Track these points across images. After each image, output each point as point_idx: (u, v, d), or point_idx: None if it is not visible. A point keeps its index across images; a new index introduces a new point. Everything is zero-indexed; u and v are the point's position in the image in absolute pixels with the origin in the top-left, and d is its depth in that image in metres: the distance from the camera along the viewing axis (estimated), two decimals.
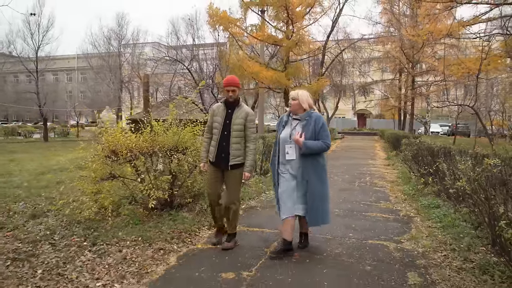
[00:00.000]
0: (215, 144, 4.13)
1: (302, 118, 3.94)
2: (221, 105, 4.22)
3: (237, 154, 4.08)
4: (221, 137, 4.09)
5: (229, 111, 4.14)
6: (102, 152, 5.31)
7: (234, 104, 4.15)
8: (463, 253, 3.94)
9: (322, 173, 3.95)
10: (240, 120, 4.08)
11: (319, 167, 3.92)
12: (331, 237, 4.55)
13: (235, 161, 4.07)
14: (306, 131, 3.84)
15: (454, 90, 25.17)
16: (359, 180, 8.96)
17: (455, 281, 3.32)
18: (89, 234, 4.49)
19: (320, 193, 3.88)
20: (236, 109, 4.14)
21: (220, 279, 3.33)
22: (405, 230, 4.86)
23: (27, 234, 4.50)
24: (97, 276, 3.40)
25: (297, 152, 3.85)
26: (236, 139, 4.06)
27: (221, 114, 4.15)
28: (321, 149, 3.85)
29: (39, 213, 5.43)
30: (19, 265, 3.64)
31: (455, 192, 4.44)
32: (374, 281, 3.31)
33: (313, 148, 3.79)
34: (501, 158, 4.95)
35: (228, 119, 4.10)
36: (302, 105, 3.94)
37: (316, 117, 3.94)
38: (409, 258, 3.88)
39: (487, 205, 3.23)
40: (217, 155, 4.11)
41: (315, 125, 3.87)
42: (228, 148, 4.05)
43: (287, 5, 16.53)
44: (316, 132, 3.85)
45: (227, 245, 4.13)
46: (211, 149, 4.18)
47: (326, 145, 3.86)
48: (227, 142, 4.07)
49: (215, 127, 4.16)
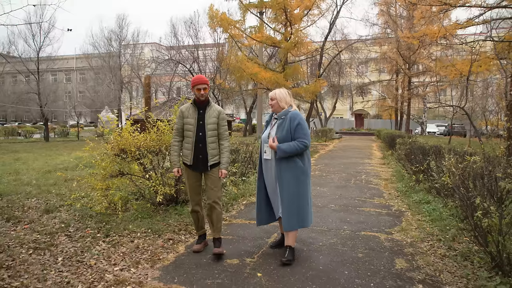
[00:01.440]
0: (190, 147, 3.97)
1: (279, 117, 3.86)
2: (190, 106, 4.06)
3: (215, 154, 4.00)
4: (197, 139, 3.96)
5: (200, 112, 4.00)
6: (111, 150, 5.66)
7: (205, 104, 4.04)
8: (448, 242, 4.29)
9: (300, 175, 3.75)
10: (213, 119, 3.99)
11: (297, 168, 3.74)
12: (327, 229, 4.89)
13: (213, 161, 3.98)
14: (281, 130, 3.74)
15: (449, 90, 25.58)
16: (355, 178, 9.31)
17: (438, 266, 3.67)
18: (102, 227, 4.82)
19: (295, 194, 3.72)
20: (207, 109, 4.02)
21: (226, 264, 3.68)
22: (396, 223, 5.20)
23: (44, 227, 4.84)
24: (113, 262, 3.73)
25: (273, 152, 3.77)
26: (211, 138, 3.98)
27: (192, 115, 4.00)
28: (298, 150, 3.67)
29: (52, 208, 5.76)
30: (40, 253, 3.98)
31: (441, 186, 4.77)
32: (365, 265, 3.66)
33: (288, 151, 3.64)
34: (485, 156, 5.32)
35: (201, 120, 3.97)
36: (280, 104, 3.85)
37: (292, 115, 3.77)
38: (398, 247, 4.23)
39: (466, 197, 3.58)
40: (194, 158, 3.96)
41: (290, 123, 3.73)
42: (205, 149, 3.94)
43: (285, 7, 16.90)
44: (292, 131, 3.70)
45: (218, 250, 3.90)
46: (186, 152, 4.02)
47: (303, 145, 3.68)
48: (203, 143, 3.94)
49: (188, 129, 4.00)
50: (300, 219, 3.77)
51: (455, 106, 13.73)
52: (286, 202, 3.72)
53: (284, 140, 3.70)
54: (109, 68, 28.67)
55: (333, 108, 34.47)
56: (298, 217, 3.75)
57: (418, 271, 3.56)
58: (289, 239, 3.80)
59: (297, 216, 3.74)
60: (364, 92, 36.50)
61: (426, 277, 3.42)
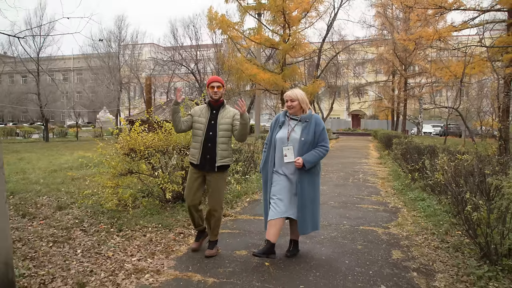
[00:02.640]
0: (198, 146, 3.89)
1: (303, 119, 3.78)
2: (204, 107, 4.03)
3: (225, 155, 3.91)
4: (206, 138, 3.88)
5: (213, 112, 3.96)
6: (121, 150, 5.93)
7: (219, 105, 3.99)
8: (441, 236, 4.58)
9: (316, 179, 3.84)
10: (227, 119, 3.92)
11: (315, 173, 3.82)
12: (327, 224, 5.18)
13: (222, 162, 3.89)
14: (307, 134, 3.71)
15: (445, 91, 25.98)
16: (353, 177, 9.60)
17: (431, 256, 3.96)
18: (114, 222, 5.09)
19: (311, 199, 3.77)
20: (221, 110, 3.97)
21: (235, 255, 3.96)
22: (392, 219, 5.50)
23: (59, 222, 5.10)
24: (130, 254, 4.00)
25: (295, 154, 3.71)
26: (223, 139, 3.90)
27: (204, 115, 3.95)
28: (322, 156, 3.75)
29: (64, 205, 6.02)
30: (60, 246, 4.24)
31: (435, 184, 5.07)
32: (364, 256, 3.95)
33: (315, 160, 3.70)
34: (477, 155, 5.63)
35: (213, 120, 3.92)
36: (302, 106, 3.81)
37: (316, 119, 3.80)
38: (394, 240, 4.52)
39: (457, 192, 3.88)
40: (202, 157, 3.88)
41: (315, 127, 3.75)
42: (214, 149, 3.86)
43: (284, 10, 17.20)
44: (317, 135, 3.74)
45: (210, 252, 3.91)
46: (194, 151, 3.94)
47: (326, 150, 3.77)
48: (213, 143, 3.87)
49: (198, 128, 3.94)
50: (314, 223, 3.84)
51: (449, 108, 14.06)
52: (304, 206, 3.71)
53: (308, 143, 3.70)
54: (108, 69, 28.87)
55: (330, 108, 34.76)
56: (313, 221, 3.81)
57: (413, 260, 3.86)
58: (296, 233, 3.94)
59: (312, 220, 3.79)
60: (361, 92, 36.90)
61: (420, 266, 3.71)
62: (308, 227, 3.79)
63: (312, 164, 3.68)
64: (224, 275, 3.46)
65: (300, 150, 3.71)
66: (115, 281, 3.32)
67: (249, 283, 3.28)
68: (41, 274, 3.42)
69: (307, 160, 3.64)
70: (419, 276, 3.47)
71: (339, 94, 38.51)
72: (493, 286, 3.21)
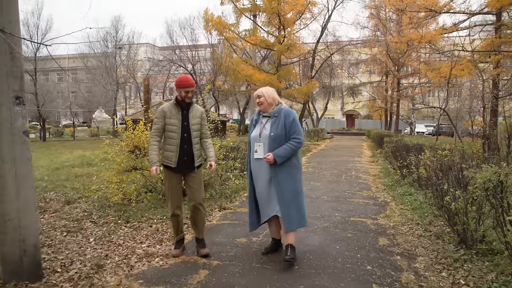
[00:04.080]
0: (174, 149, 3.82)
1: (272, 114, 3.77)
2: (173, 106, 3.90)
3: (199, 154, 3.96)
4: (182, 140, 3.83)
5: (184, 112, 3.89)
6: (126, 147, 6.28)
7: (188, 104, 3.94)
8: (425, 226, 4.98)
9: (294, 172, 3.75)
10: (197, 119, 3.93)
11: (291, 166, 3.72)
12: (320, 216, 5.56)
13: (199, 162, 3.95)
14: (276, 128, 3.68)
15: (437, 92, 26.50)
16: (346, 174, 10.00)
17: (414, 243, 4.36)
18: (121, 215, 5.43)
19: (292, 193, 3.69)
20: (190, 109, 3.93)
21: (236, 242, 4.33)
22: (381, 211, 5.89)
23: (69, 215, 5.45)
24: (139, 241, 4.36)
25: (266, 150, 3.67)
26: (196, 139, 3.91)
27: (175, 116, 3.86)
28: (295, 149, 3.67)
29: (72, 200, 6.35)
30: (73, 235, 4.59)
31: (419, 178, 5.47)
32: (353, 242, 4.34)
33: (286, 154, 3.62)
34: (460, 152, 6.04)
35: (185, 121, 3.86)
36: (267, 101, 3.78)
37: (286, 112, 3.74)
38: (381, 229, 4.91)
39: (437, 184, 4.28)
40: (179, 160, 3.82)
41: (285, 120, 3.69)
42: (191, 150, 3.85)
43: (279, 12, 17.59)
44: (287, 128, 3.68)
45: (205, 251, 3.90)
46: (170, 154, 3.84)
47: (298, 143, 3.67)
48: (188, 144, 3.84)
49: (172, 130, 3.84)
50: (300, 219, 3.75)
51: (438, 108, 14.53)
52: (285, 202, 3.65)
53: (279, 137, 3.65)
54: (105, 69, 29.12)
55: (324, 108, 35.25)
56: (298, 217, 3.71)
57: (397, 246, 4.25)
58: (289, 237, 3.76)
59: (297, 215, 3.70)
60: (355, 93, 37.44)
61: (404, 251, 4.11)
62: (293, 223, 3.68)
63: (283, 158, 3.60)
64: (227, 258, 3.83)
65: (270, 145, 3.65)
66: (129, 263, 3.69)
67: (249, 265, 3.66)
68: (60, 259, 3.77)
69: (278, 155, 3.59)
70: (402, 259, 3.86)
71: (334, 94, 39.01)
72: (468, 267, 3.60)
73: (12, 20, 2.95)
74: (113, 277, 3.37)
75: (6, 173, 2.98)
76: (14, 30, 2.95)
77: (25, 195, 3.09)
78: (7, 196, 2.99)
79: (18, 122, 3.02)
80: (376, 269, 3.59)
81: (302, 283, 3.26)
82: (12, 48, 2.92)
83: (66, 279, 3.27)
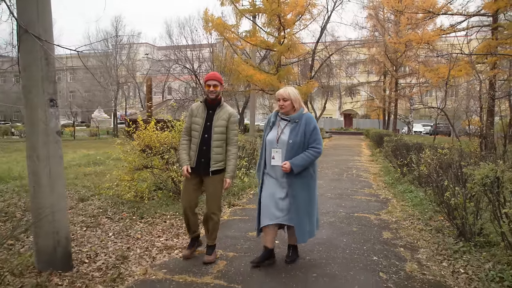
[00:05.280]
0: (195, 148, 3.73)
1: (292, 119, 3.55)
2: (201, 105, 3.82)
3: (219, 159, 3.73)
4: (202, 141, 3.71)
5: (210, 112, 3.76)
6: (138, 146, 6.53)
7: (215, 104, 3.78)
8: (426, 221, 5.26)
9: (310, 182, 3.59)
10: (222, 121, 3.72)
11: (308, 176, 3.56)
12: (326, 212, 5.82)
13: (216, 167, 3.72)
14: (295, 135, 3.48)
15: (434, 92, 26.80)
16: (347, 172, 10.28)
17: (416, 236, 4.63)
18: (135, 211, 5.67)
19: (306, 204, 3.54)
20: (217, 110, 3.77)
21: (248, 236, 4.59)
22: (383, 207, 6.17)
23: (85, 212, 5.67)
24: (157, 235, 4.61)
25: (283, 157, 3.50)
26: (217, 142, 3.71)
27: (201, 115, 3.76)
28: (313, 159, 3.49)
29: (85, 198, 6.58)
30: (93, 230, 4.83)
31: (419, 176, 5.74)
32: (359, 236, 4.62)
33: (304, 164, 3.44)
34: (458, 150, 6.31)
35: (209, 121, 3.72)
36: (294, 105, 3.56)
37: (307, 119, 3.54)
38: (384, 224, 5.18)
39: (437, 181, 4.55)
40: (197, 161, 3.73)
41: (305, 127, 3.49)
42: (209, 152, 3.69)
43: (279, 13, 17.84)
44: (307, 136, 3.48)
45: (208, 259, 3.76)
46: (191, 153, 3.77)
47: (317, 152, 3.49)
48: (207, 146, 3.70)
49: (195, 129, 3.76)
50: (311, 230, 3.64)
51: (435, 108, 14.83)
52: (299, 212, 3.51)
53: (298, 144, 3.47)
54: (105, 69, 29.31)
55: (323, 108, 35.53)
56: (310, 228, 3.62)
57: (400, 239, 4.52)
58: (293, 238, 3.73)
59: (309, 226, 3.60)
60: (353, 92, 37.79)
61: (407, 243, 4.38)
62: (306, 234, 3.58)
63: (301, 167, 3.43)
64: (241, 250, 4.09)
65: (288, 153, 3.47)
66: (150, 255, 3.94)
67: None
68: (85, 251, 4.01)
69: (295, 164, 3.41)
70: (405, 251, 4.13)
71: (332, 94, 39.36)
72: (466, 257, 3.86)
73: (47, 28, 3.19)
74: (138, 267, 3.62)
75: (41, 171, 3.22)
76: (49, 38, 3.19)
77: (58, 191, 3.34)
78: (43, 192, 3.24)
79: (52, 123, 3.26)
80: (381, 259, 3.86)
81: (314, 272, 3.53)
82: (47, 54, 3.16)
83: (95, 269, 3.51)
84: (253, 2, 19.25)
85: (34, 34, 3.06)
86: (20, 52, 3.17)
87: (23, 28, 3.08)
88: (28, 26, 3.07)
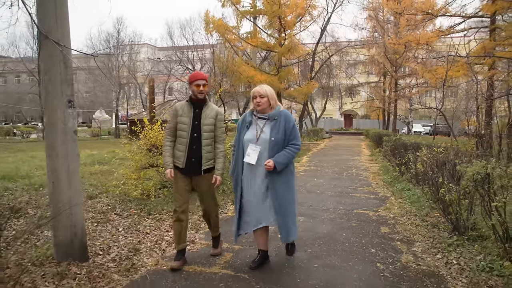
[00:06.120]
0: (183, 149, 3.66)
1: (271, 117, 3.49)
2: (186, 104, 3.73)
3: (210, 157, 3.72)
4: (191, 140, 3.65)
5: (196, 111, 3.69)
6: (144, 145, 6.75)
7: (202, 103, 3.72)
8: (422, 217, 5.48)
9: (290, 179, 3.57)
10: (210, 119, 3.69)
11: (288, 173, 3.53)
12: (326, 209, 6.05)
13: (208, 165, 3.70)
14: (276, 133, 3.43)
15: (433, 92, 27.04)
16: (347, 171, 10.50)
17: (412, 231, 4.85)
18: (142, 208, 5.88)
19: (288, 201, 3.50)
20: (204, 108, 3.70)
21: None
22: (381, 204, 6.39)
23: (94, 208, 5.89)
24: (165, 230, 4.83)
25: (265, 156, 3.42)
26: (207, 140, 3.69)
27: (187, 114, 3.68)
28: (294, 156, 3.48)
29: (93, 195, 6.80)
30: (103, 225, 5.05)
31: (416, 173, 5.95)
32: (358, 230, 4.84)
33: (287, 161, 3.42)
34: (454, 149, 6.53)
35: (196, 120, 3.66)
36: (270, 102, 3.50)
37: (286, 116, 3.51)
38: (383, 220, 5.40)
39: (433, 177, 4.77)
40: (187, 160, 3.65)
41: (286, 124, 3.46)
42: (199, 151, 3.65)
43: (280, 14, 18.08)
44: (287, 133, 3.45)
45: (215, 251, 3.93)
46: (179, 154, 3.68)
47: (297, 149, 3.49)
48: (198, 145, 3.64)
49: (182, 129, 3.67)
50: (295, 230, 3.61)
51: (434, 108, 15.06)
52: (282, 210, 3.45)
53: (279, 142, 3.43)
54: (107, 70, 29.56)
55: (323, 108, 35.80)
56: (294, 228, 3.58)
57: (397, 234, 4.74)
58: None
59: (293, 225, 3.57)
60: (353, 93, 38.01)
61: (403, 237, 4.60)
62: (292, 234, 3.55)
63: (283, 165, 3.41)
64: (246, 243, 4.31)
65: (270, 151, 3.42)
66: (160, 248, 4.16)
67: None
68: (98, 244, 4.23)
69: (279, 162, 3.36)
70: (401, 244, 4.36)
71: (332, 95, 39.59)
72: (460, 250, 4.08)
73: (65, 34, 3.41)
74: (149, 259, 3.84)
75: (60, 167, 3.45)
76: (67, 43, 3.41)
77: (75, 186, 3.56)
78: (61, 187, 3.46)
79: (70, 122, 3.48)
80: (379, 251, 4.08)
81: (315, 263, 3.75)
82: (66, 59, 3.38)
83: (109, 260, 3.74)
84: (254, 4, 19.51)
85: (54, 40, 3.29)
86: (40, 57, 3.40)
87: (44, 34, 3.30)
88: (48, 33, 3.29)
